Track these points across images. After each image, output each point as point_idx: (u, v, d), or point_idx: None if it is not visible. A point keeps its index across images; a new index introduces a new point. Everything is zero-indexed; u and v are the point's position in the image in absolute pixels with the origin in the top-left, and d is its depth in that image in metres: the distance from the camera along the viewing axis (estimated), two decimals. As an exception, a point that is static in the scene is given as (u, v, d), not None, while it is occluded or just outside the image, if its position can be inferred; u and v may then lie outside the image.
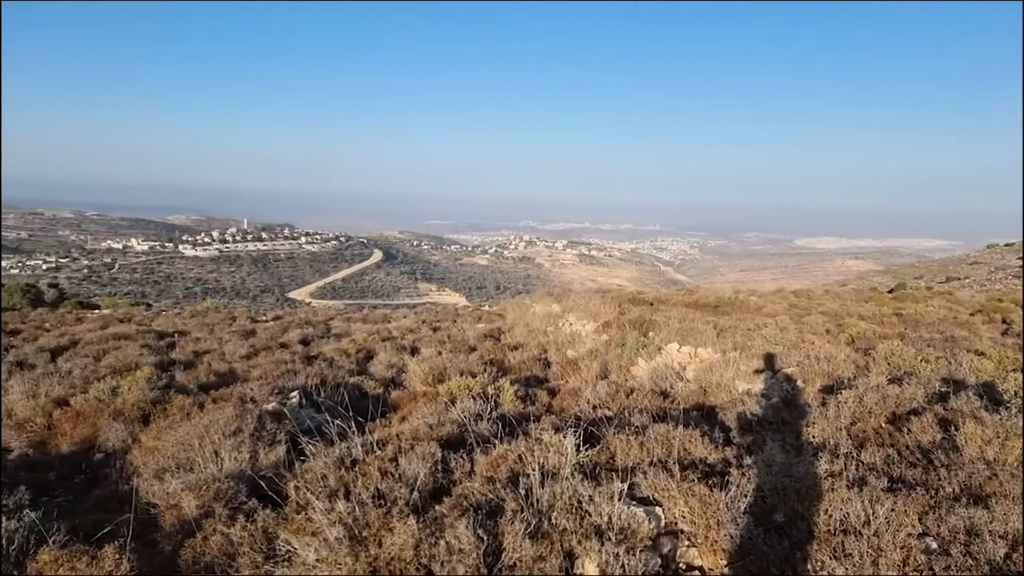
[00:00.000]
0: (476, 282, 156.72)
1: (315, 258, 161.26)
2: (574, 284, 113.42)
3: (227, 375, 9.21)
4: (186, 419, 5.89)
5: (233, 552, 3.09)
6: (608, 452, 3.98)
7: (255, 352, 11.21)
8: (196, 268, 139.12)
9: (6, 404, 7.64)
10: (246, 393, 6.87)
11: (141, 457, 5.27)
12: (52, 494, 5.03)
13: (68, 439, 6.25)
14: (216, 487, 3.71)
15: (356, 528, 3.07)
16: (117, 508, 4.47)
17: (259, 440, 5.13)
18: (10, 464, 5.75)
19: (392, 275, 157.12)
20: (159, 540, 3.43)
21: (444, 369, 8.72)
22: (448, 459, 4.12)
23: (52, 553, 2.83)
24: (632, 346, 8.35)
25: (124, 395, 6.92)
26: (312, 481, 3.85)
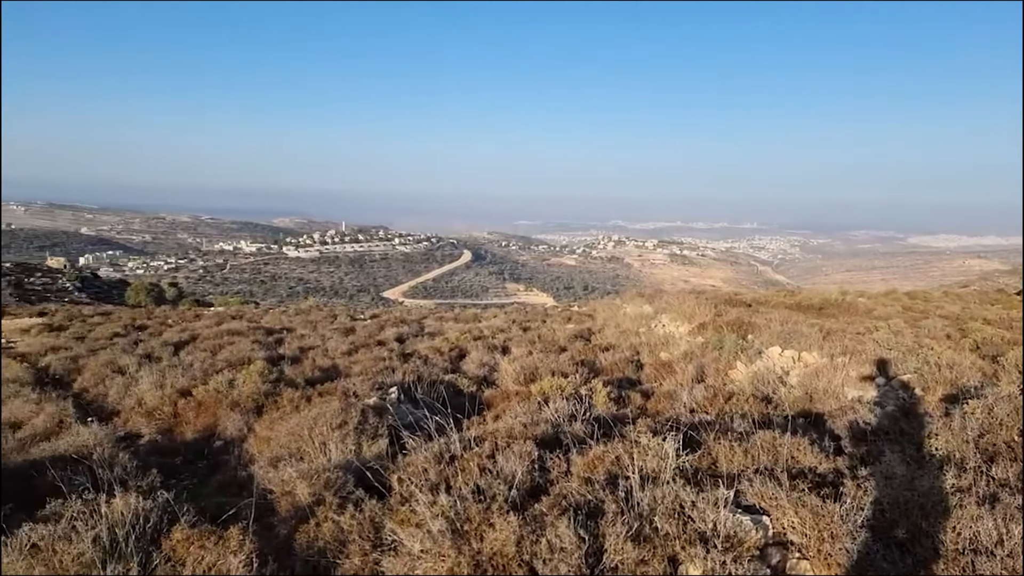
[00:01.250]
0: (564, 282, 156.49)
1: (407, 259, 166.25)
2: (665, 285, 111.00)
3: (330, 370, 9.66)
4: (295, 411, 6.24)
5: (343, 539, 3.25)
6: (710, 458, 3.88)
7: (355, 349, 11.69)
8: (298, 268, 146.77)
9: (137, 394, 8.36)
10: (349, 388, 7.18)
11: (256, 446, 5.63)
12: (179, 478, 5.45)
13: (191, 427, 6.76)
14: (326, 476, 3.91)
15: (458, 522, 3.15)
16: (236, 492, 4.80)
17: (362, 433, 5.36)
18: (142, 448, 6.29)
19: (481, 275, 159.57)
20: (276, 524, 3.65)
21: (536, 369, 8.78)
22: (544, 458, 4.14)
23: (184, 532, 3.07)
24: (730, 349, 8.09)
25: (240, 387, 7.42)
26: (414, 474, 3.98)
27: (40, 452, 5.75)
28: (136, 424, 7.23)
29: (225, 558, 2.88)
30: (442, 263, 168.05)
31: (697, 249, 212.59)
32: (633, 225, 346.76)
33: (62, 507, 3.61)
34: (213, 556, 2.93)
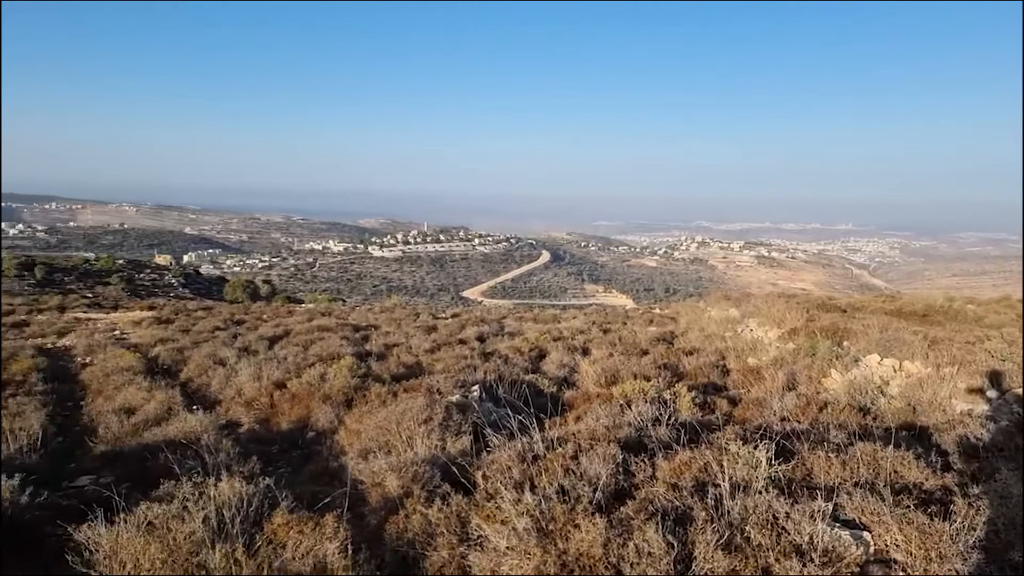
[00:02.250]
0: (644, 284, 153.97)
1: (487, 259, 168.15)
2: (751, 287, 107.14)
3: (414, 367, 9.91)
4: (382, 406, 6.44)
5: (431, 532, 3.33)
6: (804, 468, 3.72)
7: (437, 347, 11.94)
8: (382, 267, 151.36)
9: (236, 384, 8.87)
10: (433, 385, 7.34)
11: (346, 438, 5.86)
12: (275, 465, 5.74)
13: (286, 418, 7.10)
14: (414, 470, 4.02)
15: (543, 521, 3.17)
16: (328, 482, 5.00)
17: (447, 429, 5.47)
18: (242, 436, 6.66)
19: (559, 276, 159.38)
20: (367, 514, 3.79)
21: (617, 371, 8.69)
22: (628, 462, 4.10)
23: (284, 517, 3.24)
24: (824, 356, 7.72)
25: (330, 381, 7.73)
26: (497, 471, 4.03)
27: (152, 436, 6.20)
28: (236, 413, 7.67)
29: (322, 544, 3.02)
30: (521, 263, 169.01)
31: (787, 251, 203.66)
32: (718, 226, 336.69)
33: (174, 488, 3.88)
34: (310, 541, 3.07)
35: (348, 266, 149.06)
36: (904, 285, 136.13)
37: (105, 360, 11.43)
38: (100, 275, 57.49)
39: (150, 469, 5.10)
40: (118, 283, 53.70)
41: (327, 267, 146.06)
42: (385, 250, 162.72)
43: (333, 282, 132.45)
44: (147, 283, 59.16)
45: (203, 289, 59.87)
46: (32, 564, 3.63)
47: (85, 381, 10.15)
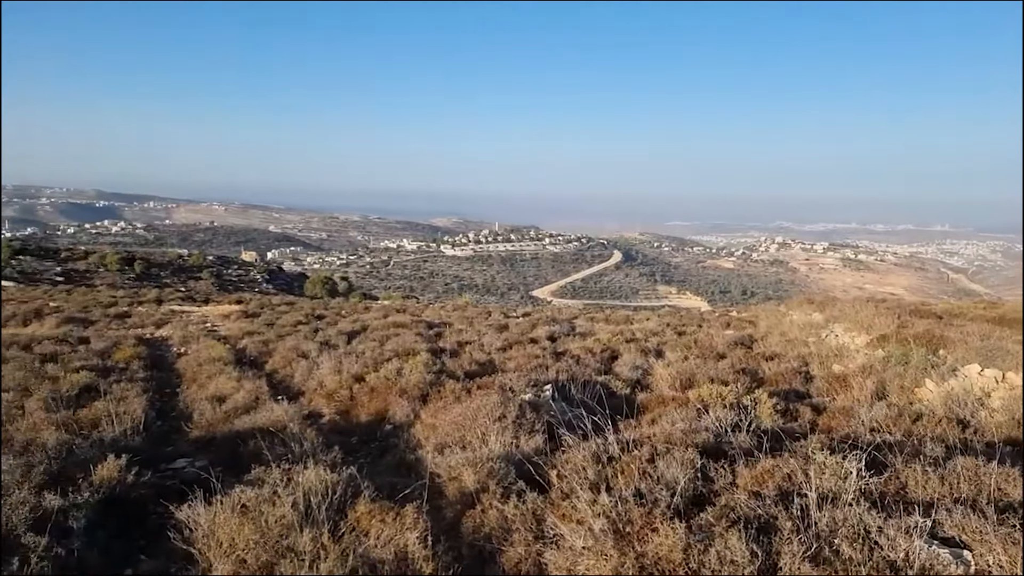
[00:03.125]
0: (720, 286, 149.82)
1: (557, 258, 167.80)
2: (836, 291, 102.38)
3: (486, 365, 10.02)
4: (457, 402, 6.54)
5: (507, 528, 3.37)
6: (897, 482, 3.54)
7: (509, 345, 12.02)
8: (454, 266, 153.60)
9: (318, 377, 9.22)
10: (505, 383, 7.40)
11: (422, 432, 5.99)
12: (355, 456, 5.93)
13: (365, 410, 7.33)
14: (489, 466, 4.07)
15: (619, 523, 3.15)
16: (406, 473, 5.13)
17: (520, 427, 5.51)
18: (323, 427, 6.92)
19: (631, 276, 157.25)
20: (443, 507, 3.87)
21: (692, 375, 8.51)
22: (707, 467, 4.01)
23: (367, 506, 3.36)
24: (917, 365, 7.30)
25: (407, 376, 7.93)
26: (572, 471, 4.03)
27: (242, 424, 6.53)
28: (318, 404, 7.97)
29: (402, 533, 3.11)
30: (591, 263, 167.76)
31: (875, 253, 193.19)
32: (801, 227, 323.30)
33: (264, 474, 4.09)
34: (391, 530, 3.16)
35: (421, 264, 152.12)
36: (1006, 291, 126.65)
37: (198, 350, 12.13)
38: (192, 270, 60.97)
39: (241, 454, 5.38)
40: (208, 278, 56.81)
41: (401, 265, 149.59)
42: (457, 249, 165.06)
43: (406, 280, 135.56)
44: (234, 278, 62.30)
45: (285, 285, 62.50)
46: (136, 540, 3.90)
47: (180, 370, 10.79)
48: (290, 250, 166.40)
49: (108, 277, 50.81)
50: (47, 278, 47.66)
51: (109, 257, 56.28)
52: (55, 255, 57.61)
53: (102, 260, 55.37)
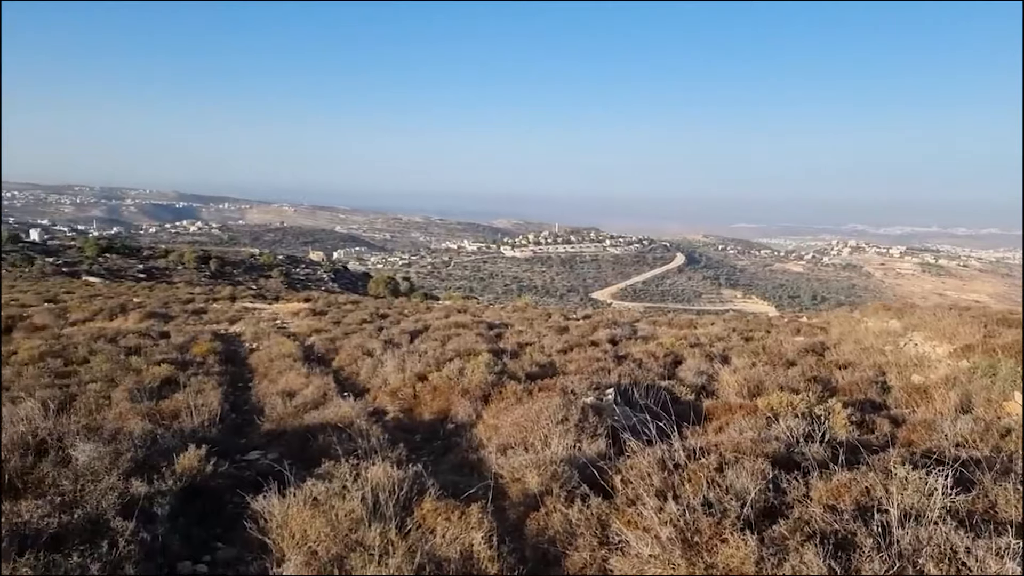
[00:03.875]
0: (788, 290, 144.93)
1: (617, 260, 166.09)
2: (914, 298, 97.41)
3: (546, 367, 10.00)
4: (518, 403, 6.56)
5: (572, 532, 3.35)
6: (986, 501, 3.33)
7: (570, 348, 11.96)
8: (513, 267, 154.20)
9: (383, 375, 9.41)
10: (567, 386, 7.37)
11: (484, 432, 6.03)
12: (419, 454, 6.03)
13: (428, 409, 7.44)
14: (553, 469, 4.06)
15: (687, 532, 3.09)
16: (468, 473, 5.18)
17: (582, 430, 5.47)
18: (388, 423, 7.06)
19: (694, 280, 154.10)
20: (506, 508, 3.88)
21: (760, 382, 8.26)
22: (778, 478, 3.88)
23: (432, 504, 3.40)
24: (1006, 377, 6.86)
25: (469, 376, 8.00)
26: (636, 477, 3.97)
27: (311, 418, 6.74)
28: (382, 402, 8.14)
29: (468, 533, 3.13)
30: (653, 266, 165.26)
31: (957, 258, 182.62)
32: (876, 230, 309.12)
33: (333, 468, 4.20)
34: (457, 529, 3.19)
35: (481, 265, 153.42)
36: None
37: (269, 347, 12.58)
38: (263, 269, 63.36)
39: (310, 448, 5.54)
40: (278, 276, 58.88)
41: (461, 266, 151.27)
42: (516, 250, 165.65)
43: (466, 280, 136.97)
44: (302, 277, 64.37)
45: (350, 284, 64.16)
46: (213, 528, 4.07)
47: (252, 365, 11.23)
48: (355, 250, 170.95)
49: (186, 274, 53.44)
50: (130, 275, 50.49)
51: (187, 255, 59.18)
52: (138, 253, 60.98)
53: (180, 258, 58.28)
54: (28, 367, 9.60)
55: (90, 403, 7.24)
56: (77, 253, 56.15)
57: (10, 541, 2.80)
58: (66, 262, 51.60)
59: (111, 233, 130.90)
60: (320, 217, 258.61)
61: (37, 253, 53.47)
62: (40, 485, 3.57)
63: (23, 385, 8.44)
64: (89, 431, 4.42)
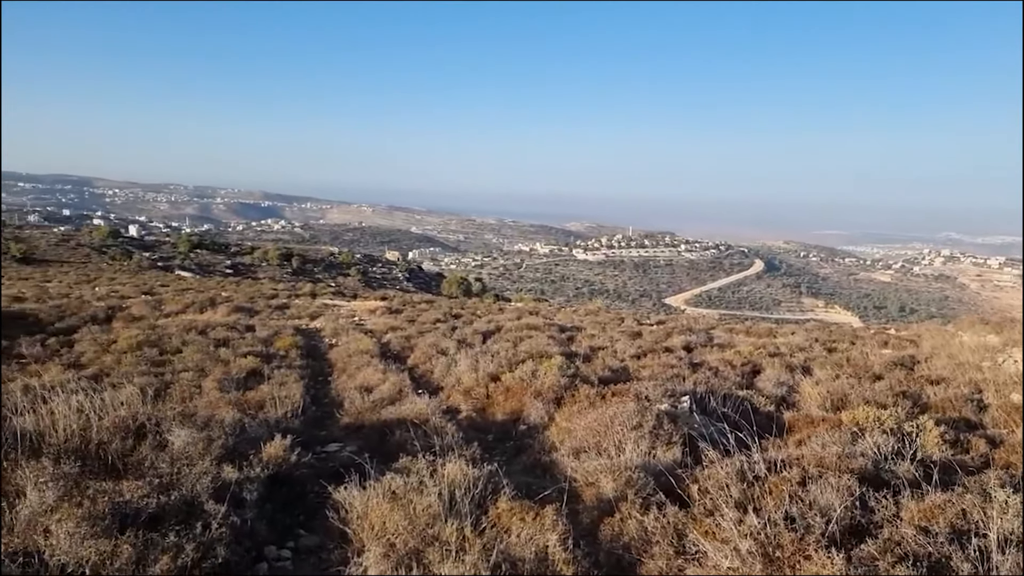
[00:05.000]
0: (874, 300, 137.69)
1: (692, 266, 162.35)
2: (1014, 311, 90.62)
3: (619, 371, 9.90)
4: (591, 407, 6.52)
5: (647, 539, 3.32)
6: (1103, 532, 3.08)
7: (643, 353, 11.80)
8: (585, 270, 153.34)
9: (456, 374, 9.56)
10: (641, 391, 7.27)
11: (556, 435, 6.04)
12: (491, 454, 6.10)
13: (500, 409, 7.51)
14: (628, 475, 4.02)
15: (768, 546, 3.00)
16: (541, 475, 5.20)
17: (657, 437, 5.39)
18: (462, 422, 7.17)
19: (773, 287, 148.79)
20: (580, 511, 3.88)
21: (845, 395, 7.90)
22: (866, 496, 3.71)
23: (507, 503, 3.44)
24: (1124, 400, 6.30)
25: (541, 378, 8.02)
26: (714, 487, 3.89)
27: (387, 414, 6.93)
28: (455, 401, 8.27)
29: (543, 534, 3.15)
30: (730, 272, 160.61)
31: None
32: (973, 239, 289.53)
33: (410, 463, 4.31)
34: (531, 530, 3.22)
35: (552, 268, 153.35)
36: None
37: (347, 343, 13.01)
38: (341, 267, 65.53)
39: (387, 442, 5.71)
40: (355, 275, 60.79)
41: (533, 268, 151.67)
42: (589, 253, 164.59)
43: (537, 283, 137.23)
44: (378, 276, 66.19)
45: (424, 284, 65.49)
46: (296, 515, 4.25)
47: (332, 360, 11.64)
48: (429, 250, 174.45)
49: (269, 271, 55.96)
50: (219, 270, 53.33)
51: (271, 253, 61.93)
52: (226, 250, 64.27)
53: (265, 255, 61.05)
54: (127, 355, 10.29)
55: (183, 391, 7.69)
56: (171, 249, 59.83)
57: (112, 519, 3.01)
58: (161, 257, 55.07)
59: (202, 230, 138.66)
60: (396, 218, 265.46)
61: (135, 248, 57.28)
62: (139, 467, 3.82)
63: (122, 372, 9.07)
64: (184, 418, 4.70)
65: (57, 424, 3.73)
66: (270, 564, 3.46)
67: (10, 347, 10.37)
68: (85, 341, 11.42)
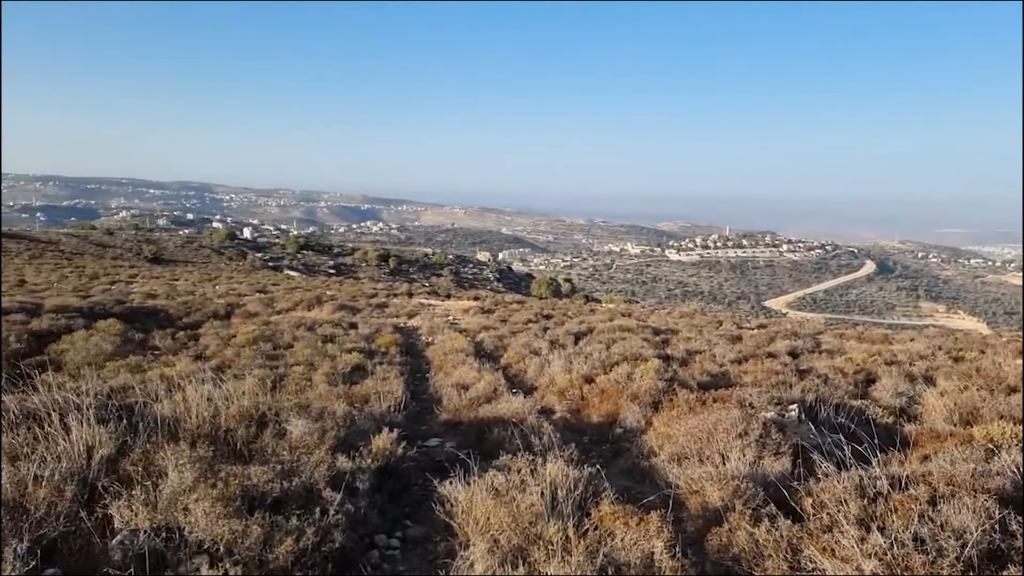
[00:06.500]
0: (1004, 306, 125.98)
1: (795, 267, 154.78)
2: None
3: (719, 377, 9.57)
4: (691, 412, 6.34)
5: (758, 552, 3.17)
6: None
7: (744, 358, 11.36)
8: (678, 271, 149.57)
9: (549, 374, 9.56)
10: (744, 398, 7.00)
11: (655, 439, 5.91)
12: (587, 456, 6.04)
13: (596, 411, 7.44)
14: (735, 484, 3.87)
15: (894, 567, 2.80)
16: (639, 479, 5.11)
17: (764, 447, 5.16)
18: (556, 422, 7.16)
19: (886, 290, 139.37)
20: (684, 519, 3.78)
21: (975, 408, 7.26)
22: (1007, 519, 3.39)
23: (610, 507, 3.39)
24: None
25: (637, 381, 7.88)
26: (831, 502, 3.67)
27: (484, 412, 7.02)
28: (549, 401, 8.27)
29: (648, 540, 3.09)
30: (837, 274, 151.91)
31: None
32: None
33: (510, 461, 4.34)
34: (635, 535, 3.16)
35: (644, 268, 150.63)
36: None
37: (443, 341, 13.32)
38: (435, 267, 67.25)
39: (486, 440, 5.78)
40: (448, 275, 62.21)
41: (623, 269, 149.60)
42: (682, 254, 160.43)
43: (628, 284, 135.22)
44: (469, 276, 67.44)
45: (513, 284, 66.09)
46: (402, 507, 4.39)
47: (429, 357, 11.95)
48: (519, 251, 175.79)
49: (368, 271, 58.27)
50: (322, 270, 56.07)
51: (370, 254, 64.45)
52: (329, 251, 67.48)
53: (364, 256, 63.61)
54: (245, 348, 10.99)
55: (296, 384, 8.12)
56: (280, 250, 63.51)
57: (242, 500, 3.21)
58: (271, 257, 58.58)
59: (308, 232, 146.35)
60: (487, 219, 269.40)
61: (249, 249, 61.23)
62: (262, 453, 4.05)
63: (242, 364, 9.70)
64: (300, 408, 4.96)
65: (191, 411, 4.03)
66: (380, 552, 3.59)
67: (145, 340, 11.34)
68: (209, 335, 12.31)
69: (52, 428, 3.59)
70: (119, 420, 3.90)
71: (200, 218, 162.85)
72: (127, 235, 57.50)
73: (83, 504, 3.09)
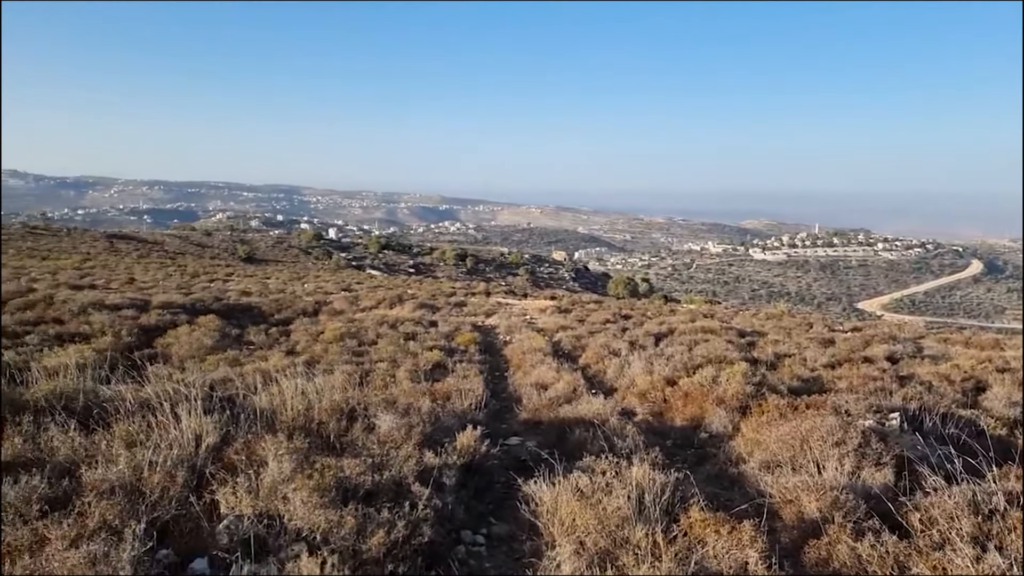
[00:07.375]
0: None
1: (892, 267, 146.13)
2: None
3: (810, 382, 9.16)
4: (782, 418, 6.08)
5: (861, 568, 3.01)
6: None
7: (838, 363, 10.82)
8: (763, 271, 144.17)
9: (629, 376, 9.42)
10: (840, 405, 6.65)
11: (744, 446, 5.70)
12: (672, 460, 5.91)
13: (679, 415, 7.27)
14: (834, 495, 3.68)
15: (1018, 594, 2.58)
16: (727, 487, 4.94)
17: (863, 457, 4.89)
18: (639, 424, 7.04)
19: (994, 292, 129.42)
20: (778, 530, 3.62)
21: (1103, 422, 6.63)
22: None
23: (700, 513, 3.30)
24: None
25: (723, 385, 7.63)
26: (941, 517, 3.43)
27: (564, 412, 6.99)
28: (630, 403, 8.14)
29: (741, 549, 2.98)
30: (938, 274, 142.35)
31: None
32: None
33: (593, 463, 4.30)
34: (727, 544, 3.05)
35: (726, 268, 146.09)
36: None
37: (521, 340, 13.37)
38: (511, 267, 67.68)
39: (567, 440, 5.75)
40: (524, 274, 62.46)
41: (704, 268, 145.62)
42: (767, 253, 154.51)
43: (709, 284, 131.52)
44: (545, 275, 67.47)
45: (589, 283, 65.61)
46: (486, 504, 4.43)
47: (507, 356, 12.03)
48: (595, 250, 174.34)
49: (446, 270, 59.35)
50: (402, 269, 57.56)
51: (447, 253, 65.60)
52: (409, 250, 69.18)
53: (442, 256, 64.81)
54: (332, 344, 11.41)
55: (382, 379, 8.35)
56: (363, 249, 65.66)
57: (336, 491, 3.33)
58: (355, 257, 60.67)
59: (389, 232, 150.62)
60: (563, 218, 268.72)
61: (334, 248, 63.64)
62: (353, 446, 4.19)
63: (330, 359, 10.08)
64: (387, 404, 5.10)
65: (286, 404, 4.22)
66: (467, 548, 3.63)
67: (241, 335, 11.98)
68: (299, 331, 12.86)
69: (163, 417, 3.85)
70: (222, 411, 4.13)
71: (289, 219, 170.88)
72: (223, 236, 61.10)
73: (192, 489, 3.29)
